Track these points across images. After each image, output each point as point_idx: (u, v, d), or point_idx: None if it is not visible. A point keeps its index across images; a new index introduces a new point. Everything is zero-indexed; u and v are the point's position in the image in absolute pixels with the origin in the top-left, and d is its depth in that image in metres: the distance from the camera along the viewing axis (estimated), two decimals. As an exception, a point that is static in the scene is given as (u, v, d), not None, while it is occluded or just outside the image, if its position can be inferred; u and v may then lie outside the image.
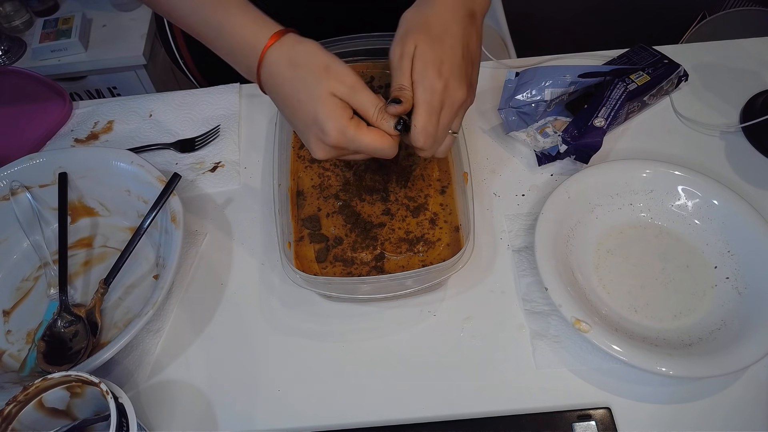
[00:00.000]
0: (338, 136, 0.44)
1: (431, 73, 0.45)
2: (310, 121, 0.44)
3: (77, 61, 1.25)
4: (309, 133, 0.45)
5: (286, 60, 0.45)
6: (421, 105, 0.46)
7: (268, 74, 0.46)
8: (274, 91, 0.47)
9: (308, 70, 0.45)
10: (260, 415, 0.51)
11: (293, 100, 0.45)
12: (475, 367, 0.52)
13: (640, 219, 0.60)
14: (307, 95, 0.44)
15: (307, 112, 0.44)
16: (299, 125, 0.46)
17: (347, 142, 0.44)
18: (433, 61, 0.45)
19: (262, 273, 0.59)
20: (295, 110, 0.45)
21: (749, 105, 0.68)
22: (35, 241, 0.61)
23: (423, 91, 0.45)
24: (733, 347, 0.48)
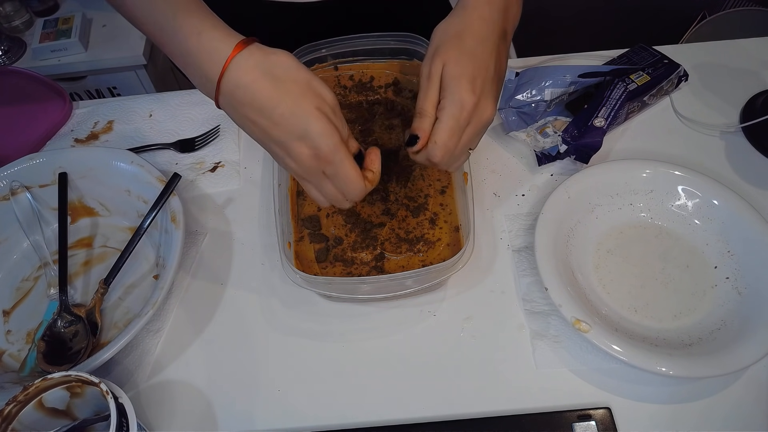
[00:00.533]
0: (329, 153, 0.42)
1: (464, 87, 0.44)
2: (295, 135, 0.42)
3: (77, 61, 1.24)
4: (290, 146, 0.42)
5: (261, 71, 0.41)
6: (447, 120, 0.44)
7: (234, 86, 0.42)
8: (244, 103, 0.42)
9: (292, 84, 0.42)
10: (260, 415, 0.51)
11: (273, 113, 0.41)
12: (475, 367, 0.52)
13: (640, 219, 0.60)
14: (292, 109, 0.41)
15: (293, 125, 0.41)
16: (276, 138, 0.43)
17: (331, 164, 0.43)
18: (466, 75, 0.44)
19: (262, 273, 0.59)
20: (274, 123, 0.42)
21: (749, 105, 0.68)
22: (35, 241, 0.61)
23: (451, 104, 0.44)
24: (733, 347, 0.48)
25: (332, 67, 0.67)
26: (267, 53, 0.42)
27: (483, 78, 0.45)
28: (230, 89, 0.42)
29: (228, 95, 0.42)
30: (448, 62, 0.45)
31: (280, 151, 0.44)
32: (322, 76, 0.67)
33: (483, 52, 0.45)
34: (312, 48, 0.64)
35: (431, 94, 0.46)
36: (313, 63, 0.66)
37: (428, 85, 0.46)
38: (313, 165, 0.43)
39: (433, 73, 0.45)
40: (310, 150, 0.42)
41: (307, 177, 0.45)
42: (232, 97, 0.42)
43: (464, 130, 0.45)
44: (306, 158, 0.43)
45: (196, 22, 0.42)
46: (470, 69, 0.44)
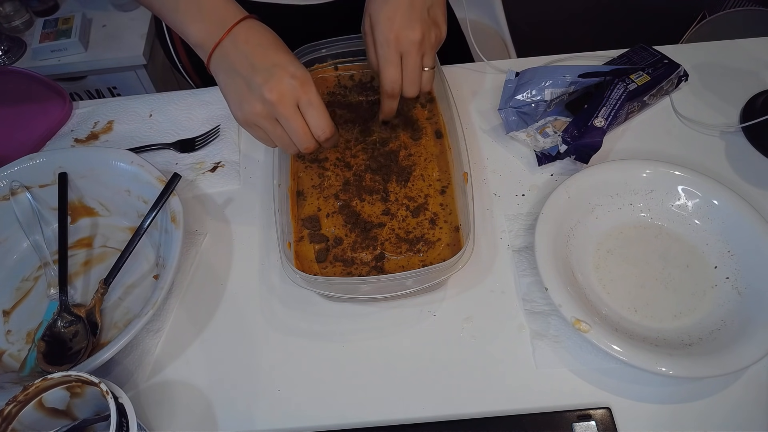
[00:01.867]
0: (305, 79, 0.49)
1: (383, 29, 0.52)
2: (285, 62, 0.49)
3: (77, 61, 1.24)
4: (276, 69, 0.49)
5: (269, 29, 0.52)
6: (381, 60, 0.54)
7: (248, 27, 0.51)
8: (250, 36, 0.50)
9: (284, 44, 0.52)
10: (260, 415, 0.51)
11: (273, 47, 0.50)
12: (475, 367, 0.52)
13: (640, 219, 0.60)
14: (286, 50, 0.51)
15: (285, 58, 0.50)
16: (266, 62, 0.49)
17: (309, 90, 0.49)
18: (383, 18, 0.52)
19: (262, 273, 0.59)
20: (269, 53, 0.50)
21: (749, 105, 0.68)
22: (35, 241, 0.61)
23: (379, 46, 0.53)
24: (733, 347, 0.48)
25: (332, 67, 0.67)
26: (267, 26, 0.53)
27: (400, 13, 0.52)
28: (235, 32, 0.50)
29: (234, 38, 0.50)
30: (370, 12, 0.53)
31: (262, 78, 0.49)
32: (321, 76, 0.67)
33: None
34: (312, 48, 0.64)
35: (371, 47, 0.55)
36: (313, 63, 0.66)
37: (366, 40, 0.55)
38: (291, 94, 0.49)
39: (366, 30, 0.55)
40: (291, 76, 0.49)
41: (280, 110, 0.49)
42: (236, 39, 0.50)
43: (401, 60, 0.53)
44: (287, 83, 0.49)
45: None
46: (386, 11, 0.52)
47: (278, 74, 0.48)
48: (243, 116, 0.51)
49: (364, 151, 0.62)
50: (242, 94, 0.50)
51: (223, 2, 0.51)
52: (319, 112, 0.51)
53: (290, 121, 0.50)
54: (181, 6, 0.51)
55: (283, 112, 0.49)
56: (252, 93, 0.49)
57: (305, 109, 0.50)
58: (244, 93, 0.50)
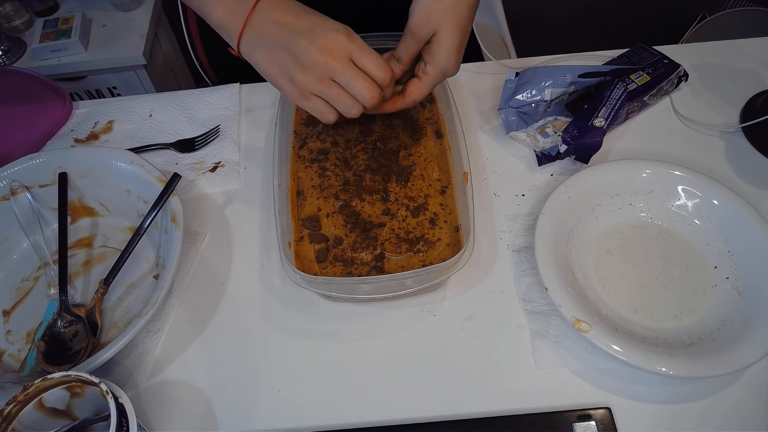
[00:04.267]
0: (348, 30, 0.47)
1: (451, 60, 0.51)
2: (322, 20, 0.48)
3: (77, 61, 1.24)
4: (317, 29, 0.47)
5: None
6: (428, 84, 0.53)
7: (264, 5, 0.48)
8: (278, 5, 0.48)
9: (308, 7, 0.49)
10: (260, 415, 0.51)
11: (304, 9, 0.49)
12: (475, 367, 0.52)
13: (640, 219, 0.60)
14: (317, 12, 0.49)
15: (319, 18, 0.48)
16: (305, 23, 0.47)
17: (356, 42, 0.47)
18: (455, 49, 0.51)
19: (262, 273, 0.59)
20: (304, 15, 0.48)
21: (749, 105, 0.68)
22: (35, 241, 0.61)
23: (436, 71, 0.52)
24: (733, 347, 0.48)
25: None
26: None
27: (464, 46, 0.52)
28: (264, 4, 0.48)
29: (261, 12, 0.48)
30: (440, 31, 0.50)
31: (306, 41, 0.47)
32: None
33: (469, 21, 0.52)
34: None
35: (413, 49, 0.52)
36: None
37: (412, 42, 0.52)
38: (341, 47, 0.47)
39: (421, 35, 0.51)
40: (334, 30, 0.47)
41: (335, 66, 0.47)
42: (264, 13, 0.48)
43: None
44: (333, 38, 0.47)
45: None
46: (458, 42, 0.51)
47: (320, 32, 0.47)
48: (297, 89, 0.49)
49: (364, 151, 0.62)
50: (289, 66, 0.48)
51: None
52: (375, 57, 0.48)
53: (348, 74, 0.48)
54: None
55: (338, 67, 0.47)
56: (300, 60, 0.47)
57: (359, 57, 0.48)
58: (291, 64, 0.48)
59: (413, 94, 0.54)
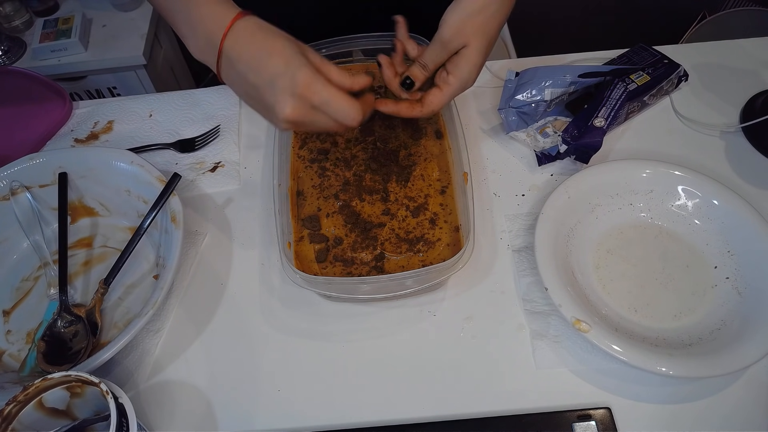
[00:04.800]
0: (307, 83, 0.44)
1: (474, 73, 0.52)
2: (280, 70, 0.45)
3: (77, 61, 1.24)
4: (277, 83, 0.45)
5: (257, 26, 0.47)
6: (449, 94, 0.53)
7: (234, 40, 0.46)
8: (240, 50, 0.46)
9: (283, 36, 0.47)
10: (260, 415, 0.51)
11: (264, 53, 0.45)
12: (475, 367, 0.52)
13: (640, 219, 0.60)
14: (280, 50, 0.45)
15: (277, 64, 0.45)
16: (264, 77, 0.45)
17: (314, 93, 0.45)
18: (480, 63, 0.52)
19: (262, 273, 0.59)
20: (262, 64, 0.45)
21: (749, 105, 0.68)
22: (35, 241, 0.61)
23: (458, 82, 0.52)
24: (733, 347, 0.48)
25: (332, 67, 0.67)
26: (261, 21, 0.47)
27: (486, 60, 0.53)
28: (229, 43, 0.46)
29: (228, 48, 0.46)
30: (470, 45, 0.51)
31: (274, 88, 0.45)
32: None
33: (496, 37, 0.53)
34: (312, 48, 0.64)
35: (440, 58, 0.52)
36: (313, 63, 0.66)
37: (441, 51, 0.52)
38: (299, 98, 0.45)
39: (451, 45, 0.51)
40: (292, 83, 0.44)
41: (303, 116, 0.46)
42: (230, 50, 0.46)
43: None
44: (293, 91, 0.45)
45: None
46: (483, 57, 0.52)
47: (280, 88, 0.45)
48: (278, 129, 0.49)
49: (364, 151, 0.62)
50: (262, 113, 0.48)
51: (208, 9, 0.46)
52: (336, 107, 0.46)
53: (318, 122, 0.47)
54: (177, 19, 0.48)
55: (305, 120, 0.46)
56: (269, 112, 0.47)
57: (324, 108, 0.46)
58: (262, 112, 0.48)
59: (432, 104, 0.54)
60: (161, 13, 0.50)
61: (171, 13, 0.48)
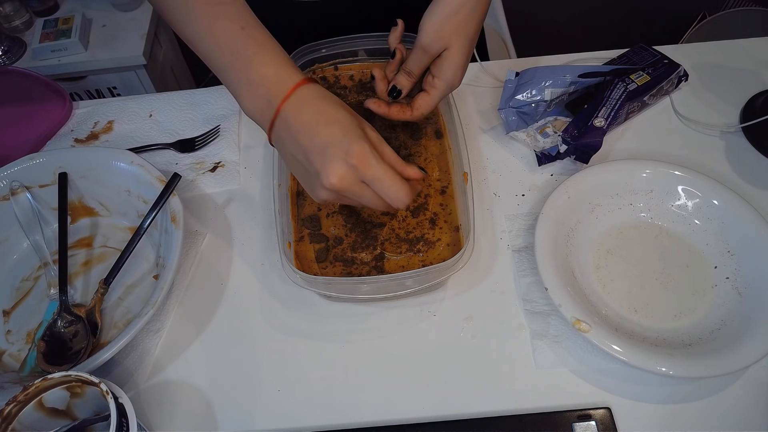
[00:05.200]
0: (362, 156, 0.44)
1: (459, 74, 0.53)
2: (336, 139, 0.44)
3: (77, 61, 1.25)
4: (329, 151, 0.44)
5: (321, 93, 0.47)
6: (436, 98, 0.54)
7: (294, 103, 0.45)
8: (299, 113, 0.45)
9: (344, 107, 0.47)
10: (260, 415, 0.51)
11: (322, 119, 0.45)
12: (475, 367, 0.52)
13: (640, 219, 0.60)
14: (340, 120, 0.45)
15: (335, 132, 0.44)
16: (317, 143, 0.44)
17: (367, 167, 0.44)
18: (463, 63, 0.52)
19: (262, 273, 0.59)
20: (319, 130, 0.44)
21: (749, 105, 0.68)
22: (35, 241, 0.61)
23: (444, 85, 0.53)
24: (733, 347, 0.48)
25: (332, 67, 0.67)
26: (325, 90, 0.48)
27: (469, 60, 0.53)
28: (290, 103, 0.45)
29: (288, 107, 0.45)
30: (451, 47, 0.51)
31: (327, 155, 0.44)
32: (321, 76, 0.67)
33: (476, 36, 0.53)
34: (312, 48, 0.64)
35: (423, 63, 0.53)
36: (313, 63, 0.66)
37: (423, 56, 0.53)
38: (352, 168, 0.44)
39: (431, 50, 0.52)
40: (347, 153, 0.44)
41: (351, 188, 0.45)
42: (289, 110, 0.45)
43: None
44: (347, 161, 0.44)
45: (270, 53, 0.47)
46: (466, 57, 0.52)
47: (332, 155, 0.43)
48: (316, 200, 0.48)
49: (364, 151, 0.62)
50: (306, 180, 0.47)
51: (272, 70, 0.46)
52: (387, 185, 0.45)
53: (362, 198, 0.46)
54: (232, 76, 0.47)
55: (349, 193, 0.45)
56: (314, 180, 0.45)
57: (372, 185, 0.45)
58: (307, 179, 0.47)
59: (421, 108, 0.55)
60: (206, 62, 0.48)
61: (221, 69, 0.47)
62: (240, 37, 0.46)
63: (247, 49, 0.46)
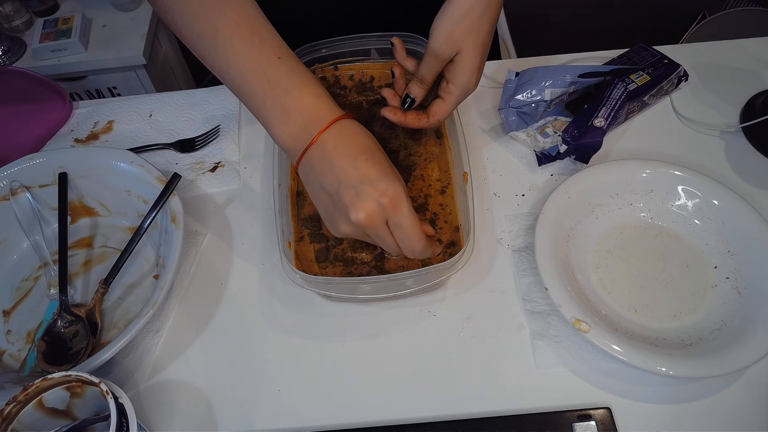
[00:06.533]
0: (397, 199, 0.44)
1: (473, 78, 0.52)
2: (373, 177, 0.44)
3: (77, 61, 1.25)
4: (363, 188, 0.44)
5: (362, 130, 0.47)
6: (452, 103, 0.53)
7: (335, 134, 0.46)
8: (338, 145, 0.45)
9: (381, 149, 0.48)
10: (260, 415, 0.51)
11: (363, 156, 0.45)
12: (475, 367, 0.52)
13: (640, 219, 0.60)
14: (380, 161, 0.45)
15: (374, 172, 0.44)
16: (352, 178, 0.44)
17: (398, 212, 0.44)
18: (477, 66, 0.51)
19: (262, 273, 0.59)
20: (357, 166, 0.44)
21: (749, 105, 0.68)
22: (35, 241, 0.61)
23: (459, 89, 0.52)
24: (733, 347, 0.48)
25: (332, 67, 0.67)
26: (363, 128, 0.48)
27: (484, 63, 0.52)
28: (326, 136, 0.45)
29: (324, 142, 0.45)
30: (463, 51, 0.50)
31: (359, 190, 0.44)
32: (321, 76, 0.67)
33: (490, 37, 0.51)
34: (312, 48, 0.64)
35: (435, 69, 0.52)
36: (313, 63, 0.66)
37: (434, 62, 0.51)
38: (382, 209, 0.44)
39: (443, 55, 0.51)
40: (380, 193, 0.43)
41: (374, 225, 0.45)
42: (324, 148, 0.45)
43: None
44: (379, 200, 0.43)
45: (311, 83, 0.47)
46: (480, 60, 0.51)
47: (366, 193, 0.43)
48: (335, 233, 0.48)
49: (364, 151, 0.62)
50: (329, 212, 0.47)
51: (312, 101, 0.46)
52: (409, 234, 0.45)
53: (382, 239, 0.46)
54: (268, 103, 0.46)
55: (371, 232, 0.45)
56: (339, 212, 0.45)
57: (393, 229, 0.45)
58: (331, 210, 0.46)
59: (437, 114, 0.54)
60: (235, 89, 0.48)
61: (254, 94, 0.47)
62: (277, 66, 0.46)
63: (284, 79, 0.46)
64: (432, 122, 0.55)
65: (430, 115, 0.54)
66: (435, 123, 0.55)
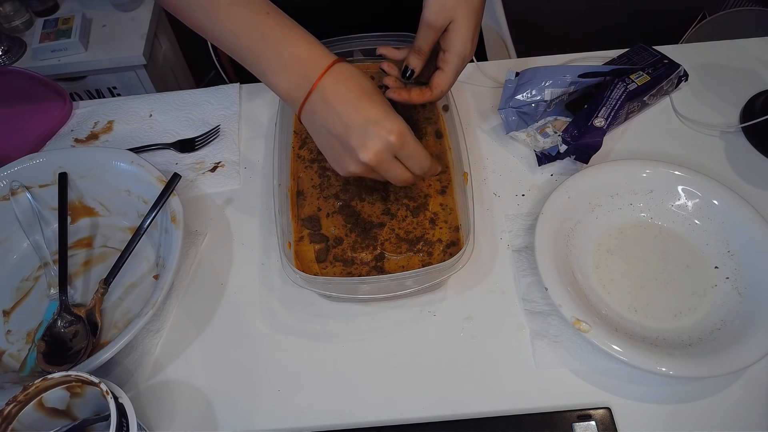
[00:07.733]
0: (402, 133, 0.46)
1: (468, 45, 0.53)
2: (378, 117, 0.46)
3: (77, 61, 1.24)
4: (370, 128, 0.46)
5: (357, 72, 0.48)
6: (451, 72, 0.54)
7: (333, 79, 0.47)
8: (338, 89, 0.47)
9: (377, 88, 0.49)
10: (260, 415, 0.51)
11: (363, 98, 0.47)
12: (475, 367, 0.52)
13: (640, 219, 0.60)
14: (379, 101, 0.47)
15: (377, 111, 0.46)
16: (357, 120, 0.46)
17: (405, 144, 0.47)
18: (471, 34, 0.52)
19: (262, 273, 0.59)
20: (360, 108, 0.46)
21: (749, 105, 0.68)
22: (35, 241, 0.61)
23: (456, 58, 0.53)
24: (733, 347, 0.48)
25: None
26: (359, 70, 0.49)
27: (478, 30, 0.53)
28: (326, 81, 0.47)
29: (323, 88, 0.47)
30: (456, 19, 0.51)
31: (365, 132, 0.46)
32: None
33: (482, 5, 0.53)
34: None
35: (431, 38, 0.53)
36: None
37: (429, 32, 0.53)
38: (390, 145, 0.46)
39: (437, 24, 0.52)
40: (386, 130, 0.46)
41: (384, 162, 0.47)
42: (324, 93, 0.47)
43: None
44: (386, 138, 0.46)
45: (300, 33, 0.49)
46: (473, 27, 0.52)
47: (373, 133, 0.46)
48: (342, 173, 0.50)
49: (364, 151, 0.62)
50: (338, 154, 0.49)
51: (306, 48, 0.47)
52: (418, 160, 0.49)
53: (390, 172, 0.49)
54: (264, 56, 0.48)
55: (381, 169, 0.48)
56: (348, 154, 0.47)
57: (404, 160, 0.48)
58: (340, 153, 0.48)
59: (440, 86, 0.55)
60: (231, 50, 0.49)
61: (249, 51, 0.48)
62: (267, 20, 0.48)
63: (275, 31, 0.47)
64: (435, 94, 0.56)
65: (433, 87, 0.55)
66: (438, 95, 0.56)
